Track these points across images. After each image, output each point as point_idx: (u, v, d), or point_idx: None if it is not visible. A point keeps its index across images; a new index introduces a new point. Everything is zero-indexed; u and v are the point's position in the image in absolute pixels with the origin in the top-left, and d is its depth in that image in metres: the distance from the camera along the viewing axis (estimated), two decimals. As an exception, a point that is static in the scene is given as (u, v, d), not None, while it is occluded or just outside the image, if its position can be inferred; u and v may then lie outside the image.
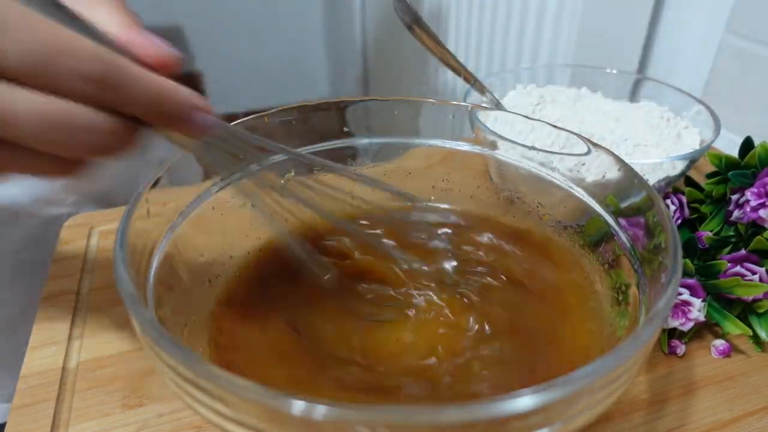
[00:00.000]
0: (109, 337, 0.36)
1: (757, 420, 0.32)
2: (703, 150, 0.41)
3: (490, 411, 0.16)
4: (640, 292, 0.25)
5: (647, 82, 0.52)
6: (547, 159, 0.33)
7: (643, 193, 0.27)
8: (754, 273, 0.35)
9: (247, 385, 0.17)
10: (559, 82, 0.54)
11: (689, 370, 0.35)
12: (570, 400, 0.18)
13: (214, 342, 0.27)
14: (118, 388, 0.33)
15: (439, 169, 0.37)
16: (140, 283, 0.24)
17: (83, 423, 0.31)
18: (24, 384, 0.33)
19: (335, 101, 0.34)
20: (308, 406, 0.16)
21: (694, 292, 0.35)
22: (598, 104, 0.50)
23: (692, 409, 0.32)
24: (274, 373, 0.26)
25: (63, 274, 0.41)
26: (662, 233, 0.24)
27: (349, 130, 0.36)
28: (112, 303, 0.39)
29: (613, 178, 0.29)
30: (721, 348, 0.36)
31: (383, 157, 0.37)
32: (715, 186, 0.39)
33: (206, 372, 0.17)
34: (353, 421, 0.16)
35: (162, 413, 0.31)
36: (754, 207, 0.36)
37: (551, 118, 0.47)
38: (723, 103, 0.66)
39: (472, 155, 0.36)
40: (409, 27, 0.46)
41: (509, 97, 0.51)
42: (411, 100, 0.35)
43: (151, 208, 0.26)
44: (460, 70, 0.47)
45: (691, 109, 0.47)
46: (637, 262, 0.27)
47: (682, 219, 0.41)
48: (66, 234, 0.46)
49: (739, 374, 0.34)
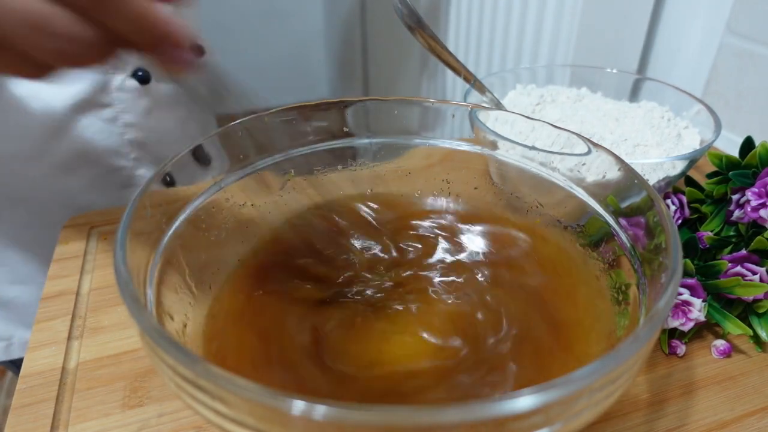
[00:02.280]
0: (109, 337, 0.36)
1: (757, 420, 0.32)
2: (703, 150, 0.41)
3: (490, 411, 0.16)
4: (640, 292, 0.25)
5: (647, 82, 0.52)
6: (548, 159, 0.33)
7: (644, 193, 0.27)
8: (755, 273, 0.35)
9: (247, 385, 0.17)
10: (559, 82, 0.54)
11: (689, 370, 0.35)
12: (570, 400, 0.18)
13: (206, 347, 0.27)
14: (118, 388, 0.33)
15: (439, 169, 0.37)
16: (140, 283, 0.24)
17: (83, 423, 0.31)
18: (24, 384, 0.33)
19: (335, 101, 0.34)
20: (308, 406, 0.16)
21: (695, 292, 0.35)
22: (598, 104, 0.50)
23: (692, 409, 0.32)
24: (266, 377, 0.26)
25: (63, 274, 0.41)
26: (662, 233, 0.24)
27: (349, 130, 0.36)
28: (112, 303, 0.39)
29: (613, 178, 0.29)
30: (721, 348, 0.36)
31: (383, 157, 0.37)
32: (716, 186, 0.39)
33: (206, 372, 0.17)
34: (353, 421, 0.16)
35: (162, 413, 0.31)
36: (755, 207, 0.36)
37: (551, 118, 0.47)
38: (723, 103, 0.66)
39: (472, 155, 0.36)
40: (409, 27, 0.46)
41: (509, 97, 0.51)
42: (411, 100, 0.35)
43: (151, 208, 0.26)
44: (460, 70, 0.47)
45: (691, 109, 0.47)
46: (637, 262, 0.27)
47: (683, 219, 0.41)
48: (66, 234, 0.46)
49: (739, 374, 0.34)
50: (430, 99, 0.35)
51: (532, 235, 0.35)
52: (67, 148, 0.51)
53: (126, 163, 0.55)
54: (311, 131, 0.35)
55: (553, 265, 0.33)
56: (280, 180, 0.35)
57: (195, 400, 0.19)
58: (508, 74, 0.53)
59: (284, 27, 1.89)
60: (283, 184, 0.35)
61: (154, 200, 0.26)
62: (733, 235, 0.38)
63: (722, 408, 0.32)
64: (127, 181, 0.56)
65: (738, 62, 0.63)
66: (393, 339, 0.28)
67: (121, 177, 0.56)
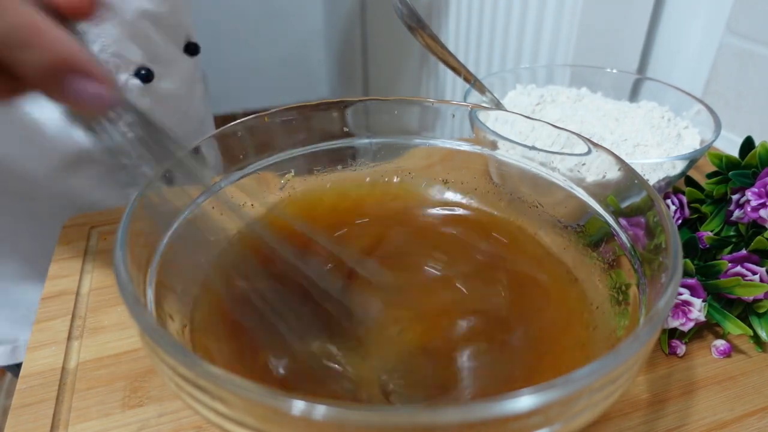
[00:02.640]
0: (109, 337, 0.36)
1: (757, 420, 0.32)
2: (703, 150, 0.41)
3: (490, 411, 0.16)
4: (640, 292, 0.25)
5: (647, 82, 0.52)
6: (548, 159, 0.33)
7: (644, 193, 0.27)
8: (755, 273, 0.35)
9: (247, 385, 0.17)
10: (559, 82, 0.54)
11: (690, 370, 0.35)
12: (570, 400, 0.18)
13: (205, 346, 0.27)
14: (118, 388, 0.33)
15: (439, 169, 0.37)
16: (140, 283, 0.24)
17: (83, 423, 0.31)
18: (24, 384, 0.33)
19: (335, 101, 0.34)
20: (308, 406, 0.16)
21: (695, 292, 0.35)
22: (598, 104, 0.50)
23: (692, 409, 0.32)
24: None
25: (63, 274, 0.41)
26: (662, 233, 0.24)
27: (349, 130, 0.36)
28: (112, 303, 0.39)
29: (613, 178, 0.29)
30: (721, 348, 0.36)
31: (383, 157, 0.37)
32: (716, 186, 0.39)
33: (206, 372, 0.17)
34: (353, 421, 0.16)
35: (162, 413, 0.31)
36: (755, 207, 0.36)
37: (551, 118, 0.47)
38: (723, 103, 0.66)
39: (472, 155, 0.36)
40: (409, 27, 0.46)
41: (509, 97, 0.51)
42: (411, 100, 0.35)
43: (151, 209, 0.26)
44: (460, 70, 0.47)
45: (691, 109, 0.47)
46: (637, 262, 0.27)
47: (683, 219, 0.41)
48: (66, 234, 0.46)
49: (739, 374, 0.34)
50: (430, 99, 0.35)
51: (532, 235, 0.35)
52: (71, 147, 0.51)
53: (129, 162, 0.55)
54: (311, 131, 0.35)
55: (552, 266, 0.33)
56: (280, 180, 0.35)
57: (195, 400, 0.19)
58: (508, 74, 0.53)
59: (284, 27, 1.89)
60: (283, 183, 0.35)
61: (154, 200, 0.26)
62: (733, 235, 0.38)
63: (722, 408, 0.32)
64: (130, 180, 0.57)
65: (738, 62, 0.63)
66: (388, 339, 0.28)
67: (124, 175, 0.56)
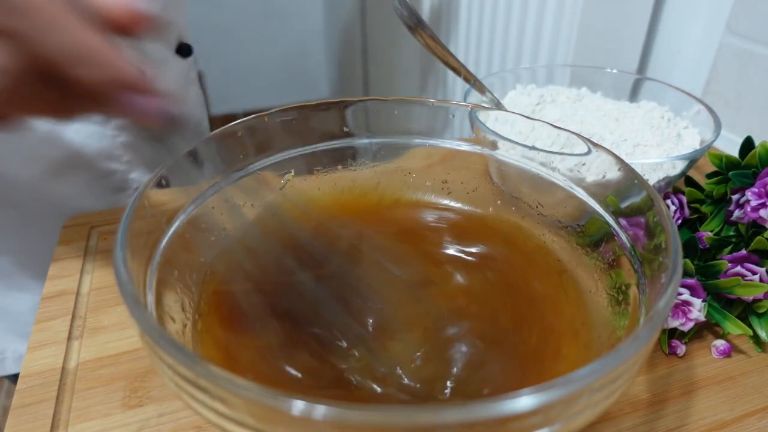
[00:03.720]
0: (109, 337, 0.36)
1: (757, 420, 0.32)
2: (703, 150, 0.41)
3: (490, 411, 0.16)
4: (640, 292, 0.25)
5: (647, 82, 0.52)
6: (548, 159, 0.33)
7: (644, 193, 0.27)
8: (755, 273, 0.35)
9: (247, 385, 0.17)
10: (559, 82, 0.54)
11: (689, 370, 0.35)
12: (570, 400, 0.18)
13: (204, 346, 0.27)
14: (118, 388, 0.33)
15: (439, 169, 0.37)
16: (140, 283, 0.24)
17: (83, 423, 0.31)
18: (24, 384, 0.33)
19: (335, 101, 0.34)
20: (308, 406, 0.16)
21: (695, 292, 0.35)
22: (598, 104, 0.50)
23: (692, 409, 0.32)
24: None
25: (63, 274, 0.41)
26: (662, 233, 0.24)
27: (349, 130, 0.36)
28: (112, 303, 0.39)
29: (613, 178, 0.29)
30: (721, 348, 0.36)
31: (383, 157, 0.37)
32: (716, 186, 0.39)
33: (206, 372, 0.17)
34: (353, 421, 0.16)
35: (162, 413, 0.31)
36: (755, 207, 0.36)
37: (551, 118, 0.47)
38: (723, 103, 0.66)
39: (472, 155, 0.36)
40: (409, 27, 0.46)
41: (509, 97, 0.51)
42: (411, 100, 0.35)
43: (151, 209, 0.26)
44: (460, 70, 0.47)
45: (691, 109, 0.47)
46: (637, 262, 0.27)
47: (683, 219, 0.41)
48: (66, 234, 0.46)
49: (739, 374, 0.34)
50: (430, 99, 0.35)
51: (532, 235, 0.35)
52: (58, 152, 0.50)
53: (119, 167, 0.54)
54: (311, 131, 0.35)
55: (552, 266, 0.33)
56: (280, 180, 0.35)
57: (195, 400, 0.19)
58: (508, 74, 0.53)
59: (284, 27, 1.89)
60: (284, 183, 0.35)
61: (154, 200, 0.26)
62: (733, 235, 0.38)
63: (722, 408, 0.32)
64: (120, 185, 0.55)
65: (738, 62, 0.63)
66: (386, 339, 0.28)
67: (114, 181, 0.55)
